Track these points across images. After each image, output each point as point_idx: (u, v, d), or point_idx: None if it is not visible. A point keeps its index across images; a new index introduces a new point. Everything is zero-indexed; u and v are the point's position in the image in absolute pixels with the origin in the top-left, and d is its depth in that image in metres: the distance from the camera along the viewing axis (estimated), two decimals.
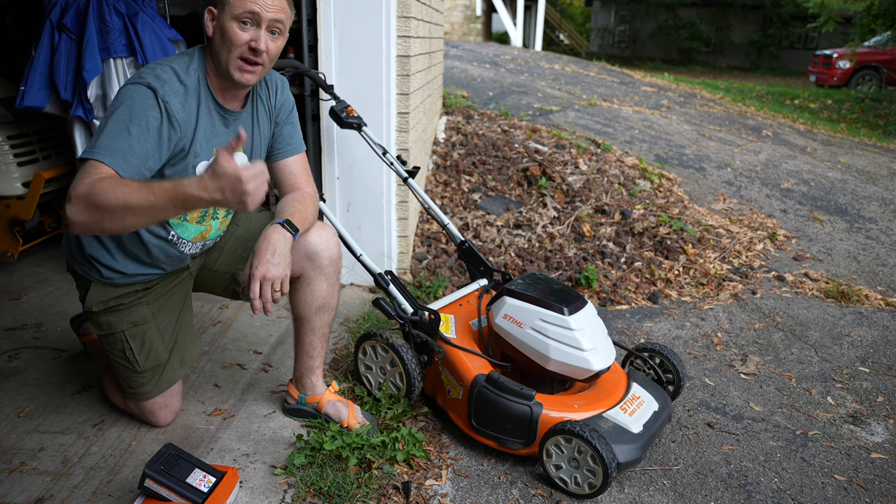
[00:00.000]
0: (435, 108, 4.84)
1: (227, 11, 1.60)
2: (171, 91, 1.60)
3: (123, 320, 1.88)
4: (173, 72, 1.64)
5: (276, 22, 1.62)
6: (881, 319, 3.05)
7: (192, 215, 1.83)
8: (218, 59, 1.65)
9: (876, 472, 2.00)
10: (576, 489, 1.82)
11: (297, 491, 1.77)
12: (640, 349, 2.29)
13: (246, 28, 1.61)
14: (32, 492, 1.73)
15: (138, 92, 1.57)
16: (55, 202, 3.40)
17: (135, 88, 1.57)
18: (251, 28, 1.61)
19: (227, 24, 1.60)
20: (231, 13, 1.59)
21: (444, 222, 2.52)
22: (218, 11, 1.63)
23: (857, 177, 5.34)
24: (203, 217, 1.86)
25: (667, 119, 6.72)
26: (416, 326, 2.13)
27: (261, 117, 1.86)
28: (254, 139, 1.86)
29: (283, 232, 1.67)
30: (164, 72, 1.62)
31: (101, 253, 1.82)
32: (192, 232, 1.87)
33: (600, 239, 3.70)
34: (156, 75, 1.60)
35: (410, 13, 2.92)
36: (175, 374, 2.00)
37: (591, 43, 26.84)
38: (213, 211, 1.87)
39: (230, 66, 1.63)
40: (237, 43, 1.60)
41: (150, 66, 1.64)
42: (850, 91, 13.85)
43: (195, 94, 1.67)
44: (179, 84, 1.63)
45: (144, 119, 1.55)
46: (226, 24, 1.60)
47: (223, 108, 1.73)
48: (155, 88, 1.57)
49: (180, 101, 1.63)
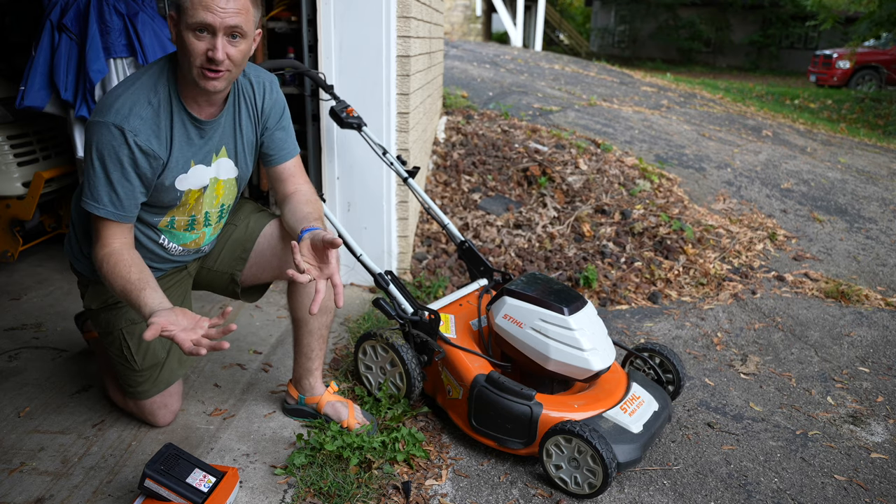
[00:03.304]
0: (435, 108, 4.84)
1: (184, 20, 1.51)
2: (138, 122, 1.57)
3: (121, 318, 1.88)
4: (140, 93, 1.58)
5: (235, 28, 1.53)
6: (881, 319, 3.05)
7: (180, 223, 1.81)
8: (182, 67, 1.59)
9: (876, 472, 2.00)
10: (576, 489, 1.82)
11: (297, 491, 1.77)
12: (640, 349, 2.29)
13: (202, 37, 1.52)
14: (32, 492, 1.73)
15: (106, 134, 1.55)
16: (55, 202, 3.40)
17: (102, 129, 1.55)
18: (207, 36, 1.52)
19: (183, 33, 1.53)
20: (186, 22, 1.51)
21: (444, 222, 2.52)
22: (177, 17, 1.54)
23: (857, 177, 5.34)
24: (192, 225, 1.84)
25: (667, 119, 6.72)
26: (416, 326, 2.13)
27: (243, 120, 1.79)
28: (237, 143, 1.80)
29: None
30: (128, 99, 1.57)
31: None
32: (183, 239, 1.86)
33: (600, 239, 3.70)
34: (118, 109, 1.55)
35: (410, 13, 2.92)
36: (174, 373, 2.00)
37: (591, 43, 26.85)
38: (205, 218, 1.85)
39: (194, 75, 1.56)
40: (195, 53, 1.53)
41: (119, 93, 1.58)
42: (850, 91, 13.85)
43: (167, 109, 1.63)
44: (147, 106, 1.59)
45: (119, 162, 1.57)
46: (182, 34, 1.53)
47: (196, 119, 1.68)
48: (121, 127, 1.55)
49: (150, 127, 1.59)
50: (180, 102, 1.65)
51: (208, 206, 1.83)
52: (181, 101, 1.65)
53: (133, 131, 1.56)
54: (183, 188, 1.73)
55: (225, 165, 1.81)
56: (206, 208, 1.83)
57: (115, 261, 1.60)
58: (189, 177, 1.72)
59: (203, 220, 1.85)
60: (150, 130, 1.60)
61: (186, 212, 1.80)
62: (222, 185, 1.83)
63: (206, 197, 1.80)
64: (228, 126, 1.77)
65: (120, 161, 1.57)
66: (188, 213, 1.80)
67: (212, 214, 1.86)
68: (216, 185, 1.81)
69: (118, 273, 1.58)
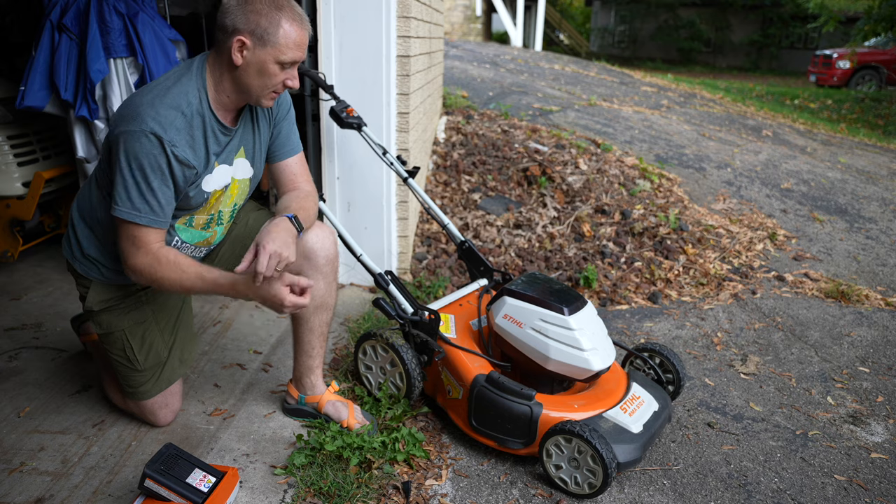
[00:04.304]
0: (435, 108, 4.84)
1: (270, 52, 1.60)
2: (174, 132, 1.59)
3: (123, 319, 1.88)
4: (174, 104, 1.60)
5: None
6: (881, 319, 3.05)
7: (198, 221, 1.83)
8: (245, 88, 1.66)
9: (876, 472, 2.00)
10: (576, 489, 1.82)
11: (297, 491, 1.77)
12: (640, 349, 2.29)
13: (285, 69, 1.65)
14: (32, 492, 1.73)
15: (145, 143, 1.56)
16: (55, 202, 3.40)
17: (140, 138, 1.55)
18: (289, 68, 1.66)
19: (267, 64, 1.62)
20: (275, 56, 1.61)
21: (444, 222, 2.52)
22: (252, 45, 1.60)
23: (857, 177, 5.34)
24: (209, 223, 1.87)
25: (667, 119, 6.72)
26: (416, 326, 2.13)
27: (260, 120, 1.85)
28: (254, 144, 1.85)
29: (291, 225, 1.67)
30: (164, 108, 1.59)
31: (101, 255, 1.82)
32: (198, 237, 1.87)
33: (600, 239, 3.70)
34: (153, 117, 1.57)
35: (410, 13, 2.92)
36: (175, 372, 2.00)
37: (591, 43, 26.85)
38: (218, 216, 1.88)
39: (261, 97, 1.68)
40: (275, 81, 1.66)
41: (149, 101, 1.59)
42: (850, 91, 13.85)
43: (199, 118, 1.66)
44: (181, 116, 1.61)
45: (159, 169, 1.59)
46: (266, 64, 1.62)
47: (224, 126, 1.73)
48: (160, 136, 1.56)
49: (185, 138, 1.62)
50: (211, 111, 1.68)
51: (223, 205, 1.86)
52: (212, 110, 1.68)
53: (171, 141, 1.58)
54: (209, 189, 1.76)
55: (242, 166, 1.84)
56: (221, 207, 1.86)
57: (172, 258, 1.65)
58: (214, 177, 1.75)
59: (217, 218, 1.88)
60: (185, 141, 1.62)
61: (206, 211, 1.82)
62: (237, 185, 1.85)
63: (224, 196, 1.83)
64: (248, 127, 1.82)
65: (161, 168, 1.59)
66: (207, 212, 1.83)
67: (224, 214, 1.89)
68: (233, 185, 1.84)
69: (183, 266, 1.65)
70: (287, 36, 1.60)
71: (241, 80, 1.65)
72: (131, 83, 2.80)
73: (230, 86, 1.67)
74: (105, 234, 1.79)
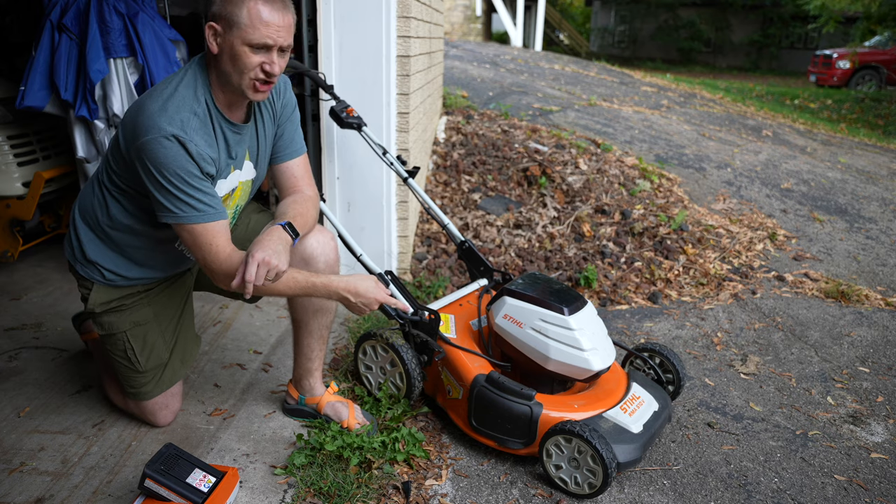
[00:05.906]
0: (435, 108, 4.84)
1: (237, 35, 1.54)
2: (193, 132, 1.58)
3: (125, 320, 1.88)
4: (184, 106, 1.59)
5: (287, 45, 1.60)
6: (881, 319, 3.05)
7: None
8: (227, 78, 1.61)
9: (876, 472, 2.00)
10: (576, 489, 1.82)
11: (297, 491, 1.77)
12: (640, 349, 2.29)
13: (258, 52, 1.56)
14: (32, 492, 1.73)
15: (170, 148, 1.54)
16: (55, 202, 3.40)
17: (163, 143, 1.53)
18: (263, 52, 1.57)
19: (237, 47, 1.55)
20: (242, 38, 1.54)
21: (444, 222, 2.52)
22: (223, 30, 1.55)
23: (857, 177, 5.34)
24: None
25: (667, 119, 6.72)
26: (417, 326, 2.13)
27: (266, 122, 1.83)
28: (259, 145, 1.83)
29: (284, 233, 1.67)
30: (176, 111, 1.57)
31: (104, 258, 1.82)
32: None
33: (600, 239, 3.70)
34: (171, 120, 1.55)
35: (410, 13, 2.92)
36: (176, 373, 2.00)
37: (591, 43, 26.84)
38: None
39: (244, 88, 1.61)
40: (249, 66, 1.57)
41: (160, 108, 1.56)
42: (850, 91, 13.85)
43: (208, 118, 1.65)
44: (194, 117, 1.60)
45: (190, 168, 1.57)
46: (236, 48, 1.55)
47: (233, 124, 1.71)
48: (180, 139, 1.54)
49: (203, 137, 1.61)
50: (217, 109, 1.67)
51: (227, 207, 1.84)
52: (218, 108, 1.67)
53: (192, 140, 1.57)
54: (223, 192, 1.75)
55: (247, 167, 1.83)
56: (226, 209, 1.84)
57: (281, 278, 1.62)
58: (227, 180, 1.75)
59: None
60: (203, 140, 1.61)
61: None
62: (241, 187, 1.85)
63: (229, 199, 1.83)
64: (253, 128, 1.80)
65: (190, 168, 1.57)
66: None
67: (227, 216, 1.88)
68: (238, 188, 1.83)
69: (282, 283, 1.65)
70: (252, 15, 1.52)
71: (221, 70, 1.61)
72: (131, 83, 2.80)
73: (218, 80, 1.64)
74: (107, 235, 1.79)
